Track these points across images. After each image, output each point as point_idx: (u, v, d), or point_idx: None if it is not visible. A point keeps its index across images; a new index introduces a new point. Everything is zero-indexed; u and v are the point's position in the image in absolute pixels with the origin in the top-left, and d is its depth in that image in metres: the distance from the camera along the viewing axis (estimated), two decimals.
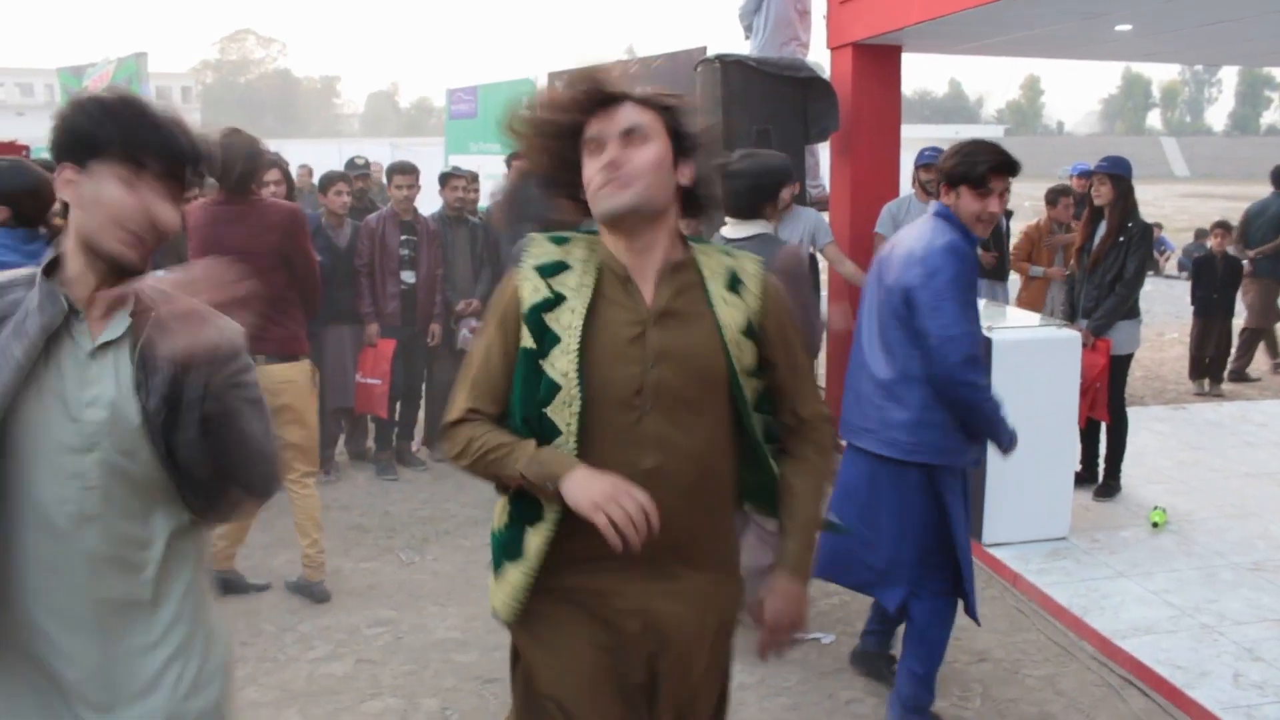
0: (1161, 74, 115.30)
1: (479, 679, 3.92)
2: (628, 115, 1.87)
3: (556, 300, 1.88)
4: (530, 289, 1.90)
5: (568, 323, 1.87)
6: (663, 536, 1.81)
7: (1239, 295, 9.05)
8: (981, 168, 3.25)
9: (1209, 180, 60.08)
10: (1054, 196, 8.11)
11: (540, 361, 1.87)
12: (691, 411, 1.90)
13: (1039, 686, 3.89)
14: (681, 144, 1.92)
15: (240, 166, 4.34)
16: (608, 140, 1.86)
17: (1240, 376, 9.25)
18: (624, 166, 1.84)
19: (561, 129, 1.89)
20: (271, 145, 8.12)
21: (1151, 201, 31.49)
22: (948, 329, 3.20)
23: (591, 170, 1.87)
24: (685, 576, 1.96)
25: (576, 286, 1.89)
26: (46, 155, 6.86)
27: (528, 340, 1.89)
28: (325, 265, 6.03)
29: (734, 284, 1.96)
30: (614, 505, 1.74)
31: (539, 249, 1.95)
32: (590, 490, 1.76)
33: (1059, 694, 3.84)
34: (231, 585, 4.57)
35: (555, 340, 1.86)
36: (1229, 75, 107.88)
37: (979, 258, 7.55)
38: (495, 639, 4.25)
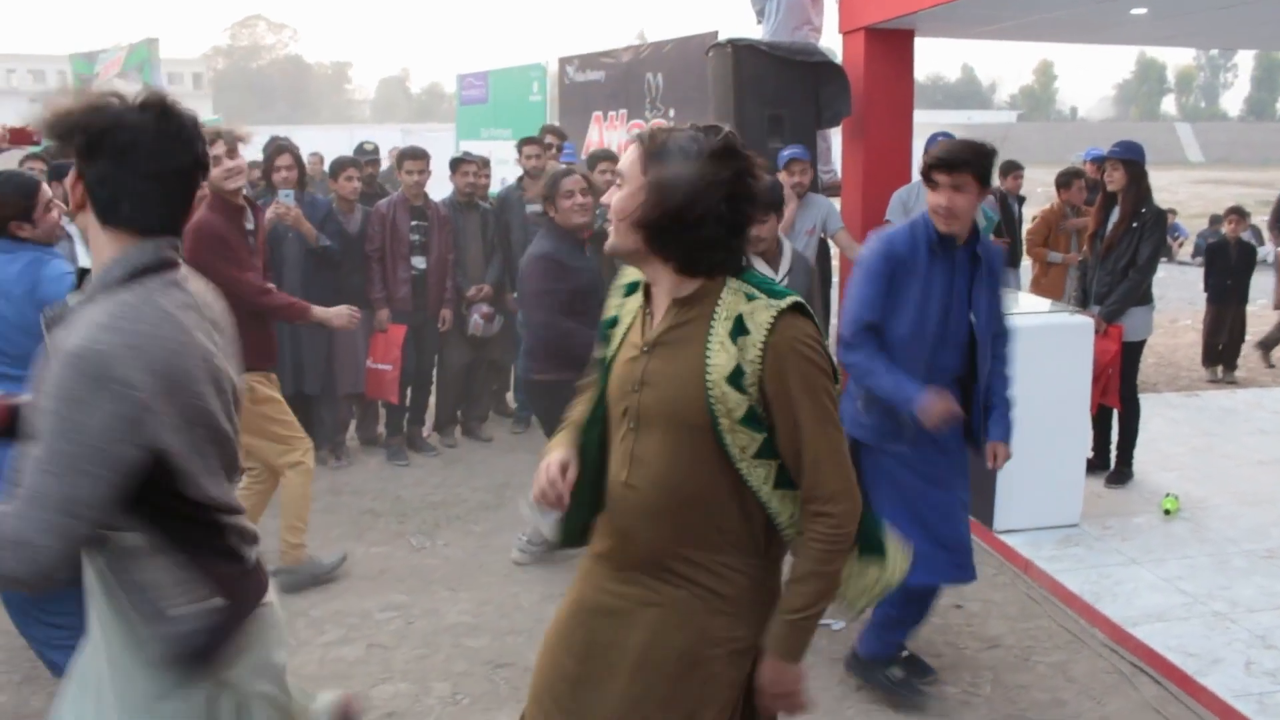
0: (1176, 58, 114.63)
1: (490, 663, 3.94)
2: (622, 158, 2.00)
3: (614, 321, 2.12)
4: (610, 306, 2.15)
5: (612, 342, 2.10)
6: (629, 547, 2.02)
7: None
8: (926, 162, 3.40)
9: (1224, 166, 59.69)
10: (1066, 179, 8.07)
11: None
12: (669, 438, 1.94)
13: (1050, 673, 3.89)
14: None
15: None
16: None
17: (1270, 346, 9.18)
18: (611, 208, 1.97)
19: None
20: (283, 132, 8.14)
21: (1166, 187, 31.28)
22: (844, 312, 3.48)
23: None
24: (659, 589, 2.00)
25: (630, 310, 2.08)
26: None
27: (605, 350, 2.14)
28: (336, 251, 6.04)
29: (738, 330, 1.90)
30: (540, 476, 2.06)
31: (629, 271, 2.13)
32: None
33: (1070, 681, 3.83)
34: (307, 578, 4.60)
35: (606, 356, 2.11)
36: (1245, 60, 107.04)
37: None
38: (507, 623, 4.26)
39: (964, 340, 3.43)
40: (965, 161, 3.29)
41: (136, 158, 1.70)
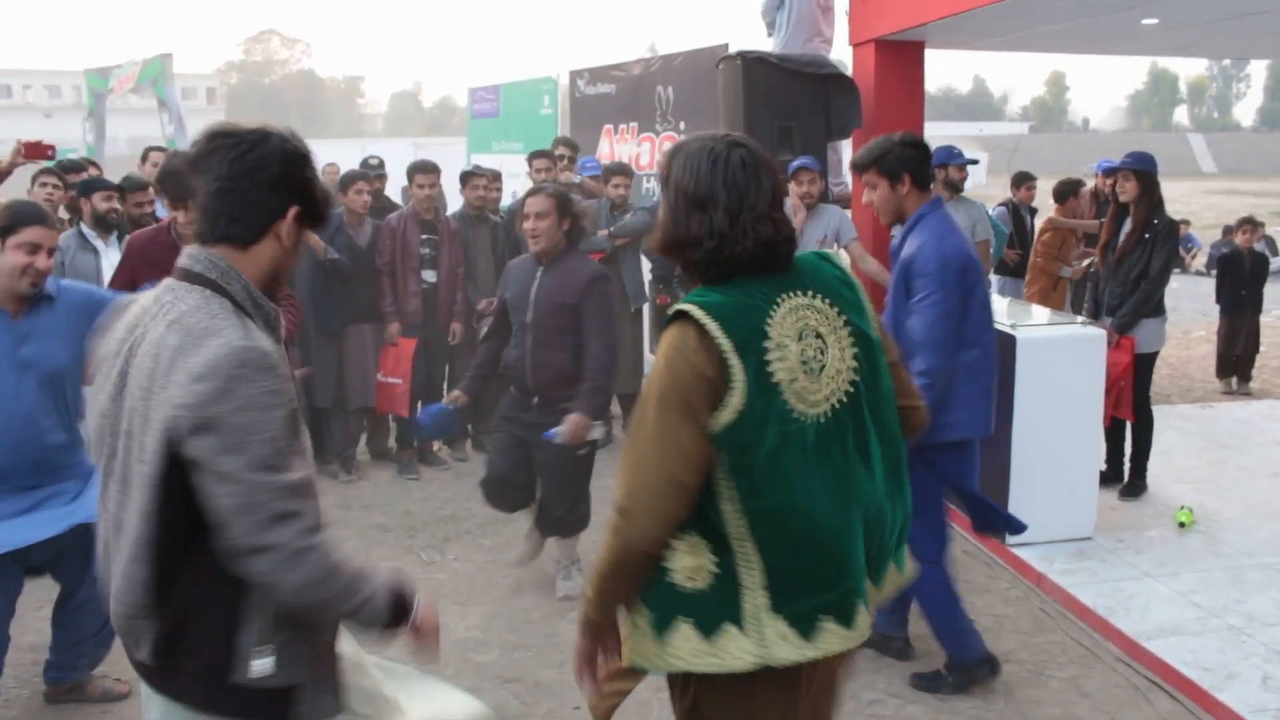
0: (1188, 69, 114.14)
1: (499, 678, 3.92)
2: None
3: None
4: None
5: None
6: None
7: None
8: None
9: (1237, 176, 59.42)
10: (1063, 194, 8.04)
11: None
12: None
13: (1063, 688, 3.85)
14: None
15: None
16: None
17: None
18: None
19: None
20: None
21: (1178, 198, 31.17)
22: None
23: None
24: None
25: None
26: (74, 156, 6.86)
27: None
28: (344, 264, 6.06)
29: None
30: None
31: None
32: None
33: (1084, 696, 3.80)
34: None
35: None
36: (1258, 69, 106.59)
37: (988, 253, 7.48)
38: (515, 638, 4.24)
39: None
40: (868, 162, 3.63)
41: None
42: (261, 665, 1.79)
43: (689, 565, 1.96)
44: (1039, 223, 8.52)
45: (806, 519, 1.92)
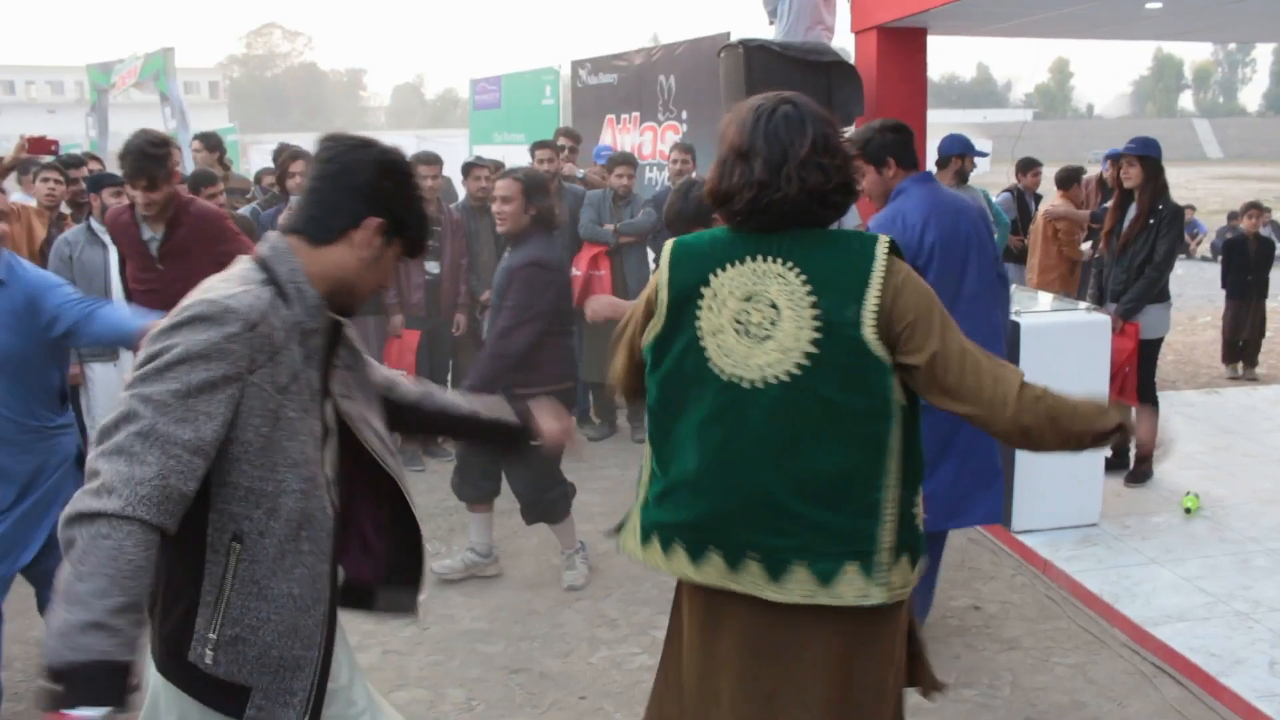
0: (1193, 54, 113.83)
1: (505, 669, 3.93)
2: None
3: None
4: None
5: None
6: None
7: None
8: None
9: (1243, 162, 59.23)
10: (1067, 181, 7.99)
11: None
12: None
13: (1070, 675, 3.85)
14: None
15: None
16: None
17: None
18: None
19: None
20: (298, 140, 8.17)
21: (1184, 184, 31.09)
22: None
23: None
24: None
25: None
26: (76, 151, 6.87)
27: None
28: None
29: None
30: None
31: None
32: (1168, 438, 2.22)
33: (1090, 682, 3.79)
34: None
35: None
36: (1264, 54, 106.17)
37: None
38: (521, 629, 4.25)
39: None
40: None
41: None
42: (209, 654, 1.74)
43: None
44: (1040, 211, 8.49)
45: (682, 451, 2.13)
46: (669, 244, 2.19)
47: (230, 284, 1.74)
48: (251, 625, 1.76)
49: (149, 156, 4.06)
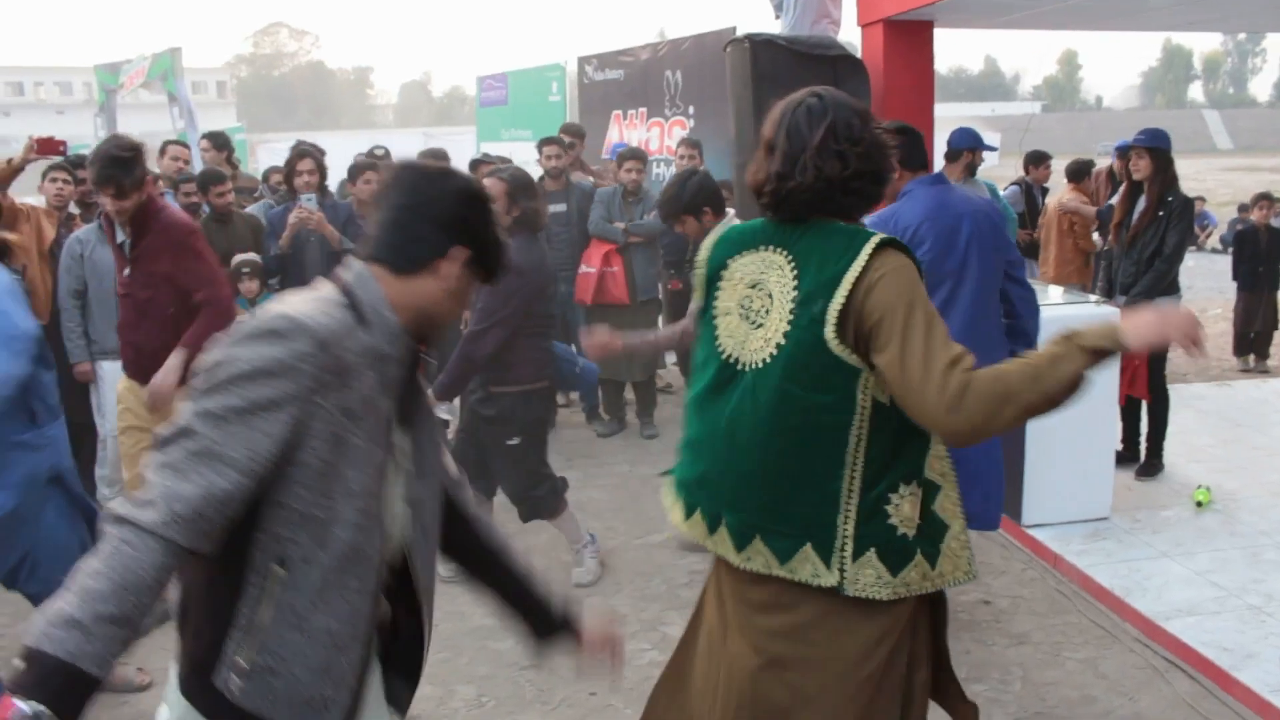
0: (1203, 44, 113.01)
1: (514, 665, 3.93)
2: None
3: None
4: None
5: None
6: None
7: None
8: None
9: (1253, 153, 58.89)
10: (1079, 173, 7.96)
11: None
12: None
13: (1080, 669, 3.84)
14: None
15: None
16: None
17: None
18: None
19: None
20: (308, 138, 8.18)
21: (1193, 176, 30.93)
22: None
23: None
24: None
25: None
26: (85, 151, 6.84)
27: None
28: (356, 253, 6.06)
29: None
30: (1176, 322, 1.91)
31: None
32: (1161, 326, 1.92)
33: (1101, 677, 3.78)
34: None
35: None
36: (1274, 44, 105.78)
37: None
38: None
39: None
40: None
41: None
42: (235, 681, 1.66)
43: None
44: (1049, 203, 8.46)
45: (691, 416, 2.28)
46: (722, 224, 2.40)
47: (308, 302, 1.70)
48: (283, 657, 1.68)
49: (115, 163, 3.98)
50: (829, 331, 2.03)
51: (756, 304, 2.15)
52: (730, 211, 4.61)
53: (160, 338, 4.21)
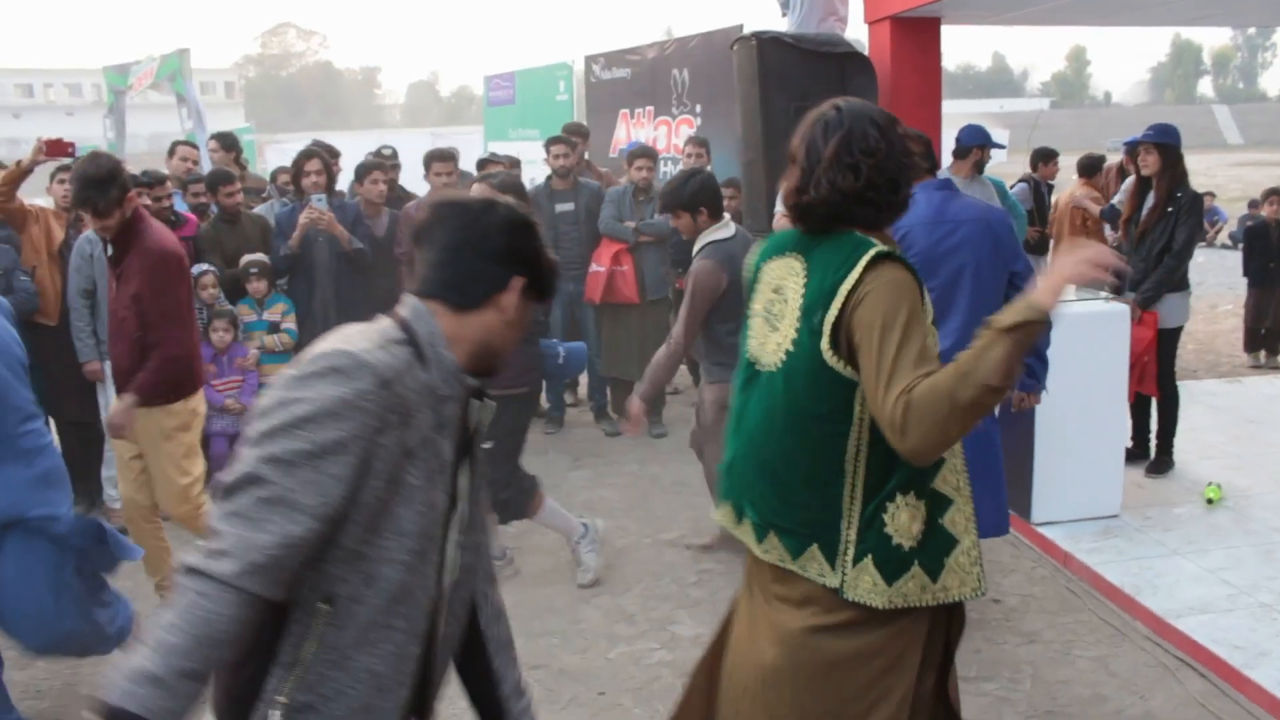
0: (1212, 39, 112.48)
1: (523, 665, 3.86)
2: None
3: None
4: None
5: None
6: None
7: None
8: None
9: (1264, 148, 58.59)
10: (1090, 169, 7.92)
11: None
12: None
13: (1091, 668, 3.82)
14: None
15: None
16: None
17: None
18: None
19: None
20: (318, 138, 8.20)
21: (1203, 171, 30.78)
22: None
23: None
24: None
25: None
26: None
27: None
28: (369, 254, 6.08)
29: None
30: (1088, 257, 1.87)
31: None
32: (1065, 270, 1.89)
33: (1112, 675, 3.77)
34: None
35: None
36: None
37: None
38: (539, 625, 4.25)
39: None
40: None
41: None
42: (275, 718, 1.62)
43: None
44: (1059, 198, 8.43)
45: (731, 408, 2.37)
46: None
47: (368, 337, 1.67)
48: (325, 696, 1.65)
49: (90, 184, 3.93)
50: (825, 344, 2.09)
51: (776, 308, 2.23)
52: (726, 216, 4.62)
53: (129, 358, 4.11)
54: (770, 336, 2.22)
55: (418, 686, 1.79)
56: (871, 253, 2.08)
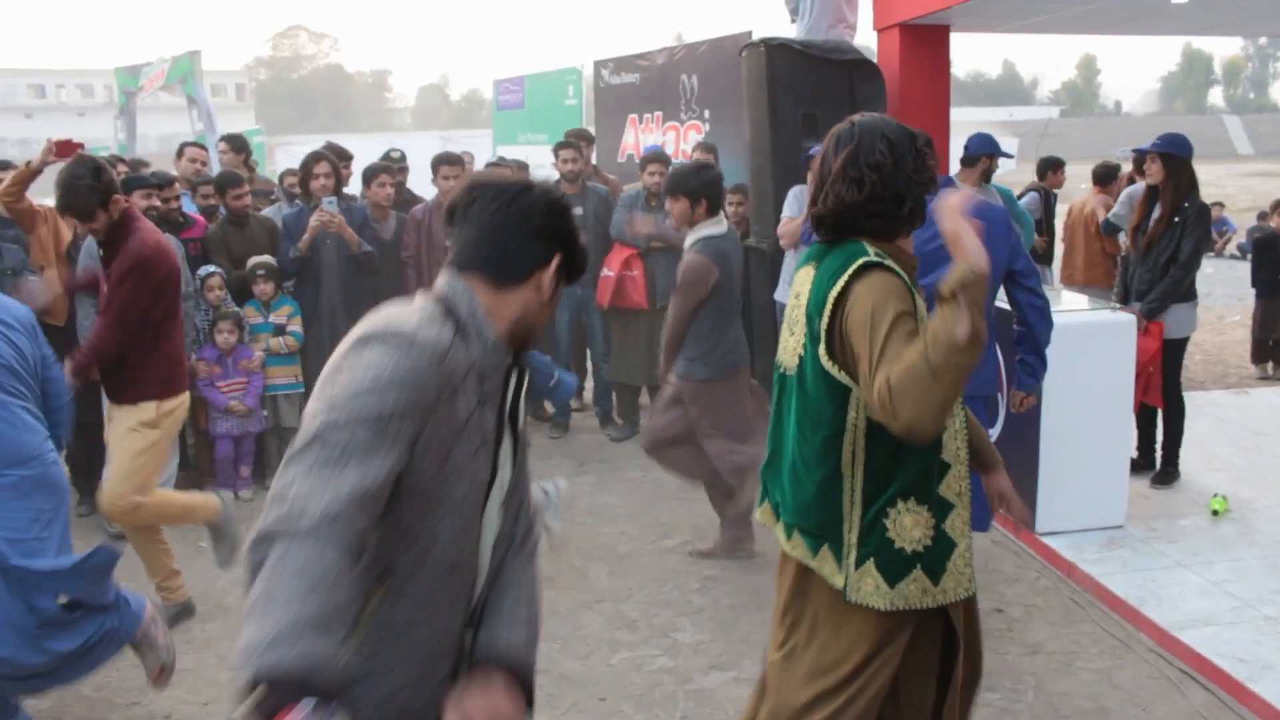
0: (1223, 49, 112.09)
1: None
2: None
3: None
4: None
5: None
6: None
7: None
8: None
9: (1274, 159, 58.42)
10: (1106, 177, 7.89)
11: None
12: None
13: (1094, 680, 3.81)
14: None
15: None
16: None
17: None
18: None
19: None
20: (324, 141, 8.21)
21: (1213, 181, 30.69)
22: None
23: None
24: None
25: None
26: (104, 154, 6.88)
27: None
28: (377, 256, 6.09)
29: None
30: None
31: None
32: (948, 225, 2.00)
33: (1115, 687, 3.75)
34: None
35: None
36: None
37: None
38: (542, 630, 4.24)
39: None
40: None
41: None
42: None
43: None
44: (1073, 206, 8.40)
45: (771, 420, 2.47)
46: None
47: (413, 315, 1.69)
48: (379, 669, 1.68)
49: (71, 190, 3.92)
50: (822, 349, 2.19)
51: (794, 314, 2.33)
52: (722, 214, 4.64)
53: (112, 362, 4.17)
54: (789, 341, 2.35)
55: (462, 652, 1.85)
56: (860, 261, 2.15)
